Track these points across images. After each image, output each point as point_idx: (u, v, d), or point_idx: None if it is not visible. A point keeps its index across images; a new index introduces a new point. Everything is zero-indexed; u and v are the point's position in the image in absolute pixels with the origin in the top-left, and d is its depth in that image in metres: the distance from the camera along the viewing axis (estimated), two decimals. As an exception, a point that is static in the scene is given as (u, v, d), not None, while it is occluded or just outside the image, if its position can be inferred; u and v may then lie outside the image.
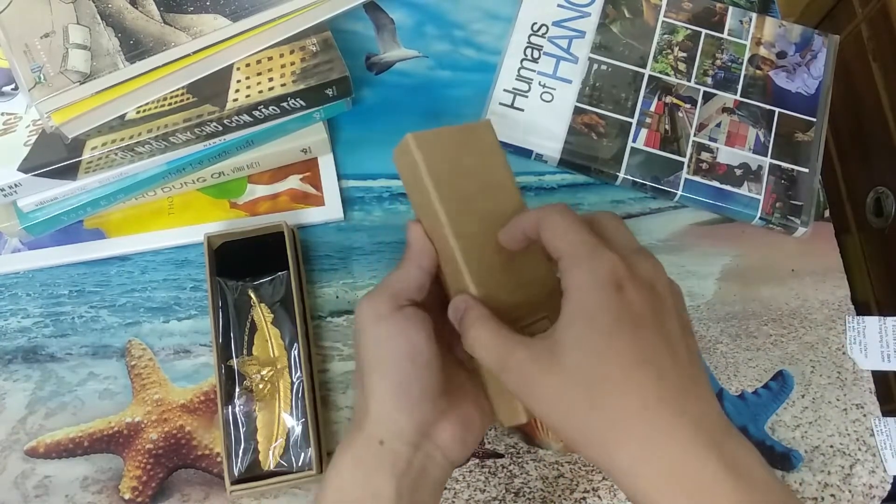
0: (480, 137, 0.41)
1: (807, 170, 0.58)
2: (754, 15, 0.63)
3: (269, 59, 0.51)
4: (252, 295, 0.50)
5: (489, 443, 0.51)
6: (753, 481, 0.28)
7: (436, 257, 0.39)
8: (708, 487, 0.28)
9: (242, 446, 0.47)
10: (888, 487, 0.51)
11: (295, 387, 0.48)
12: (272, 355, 0.49)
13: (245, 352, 0.49)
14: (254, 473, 0.47)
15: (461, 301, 0.36)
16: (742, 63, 0.61)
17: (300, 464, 0.47)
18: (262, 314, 0.50)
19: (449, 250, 0.37)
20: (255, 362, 0.49)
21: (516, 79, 0.59)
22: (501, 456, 0.50)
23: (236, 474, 0.46)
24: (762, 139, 0.58)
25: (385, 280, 0.39)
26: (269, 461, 0.47)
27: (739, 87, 0.60)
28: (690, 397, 0.30)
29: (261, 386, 0.48)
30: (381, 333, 0.36)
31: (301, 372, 0.48)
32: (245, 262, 0.51)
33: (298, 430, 0.47)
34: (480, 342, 0.34)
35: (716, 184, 0.57)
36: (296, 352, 0.49)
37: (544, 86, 0.59)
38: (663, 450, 0.29)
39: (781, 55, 0.61)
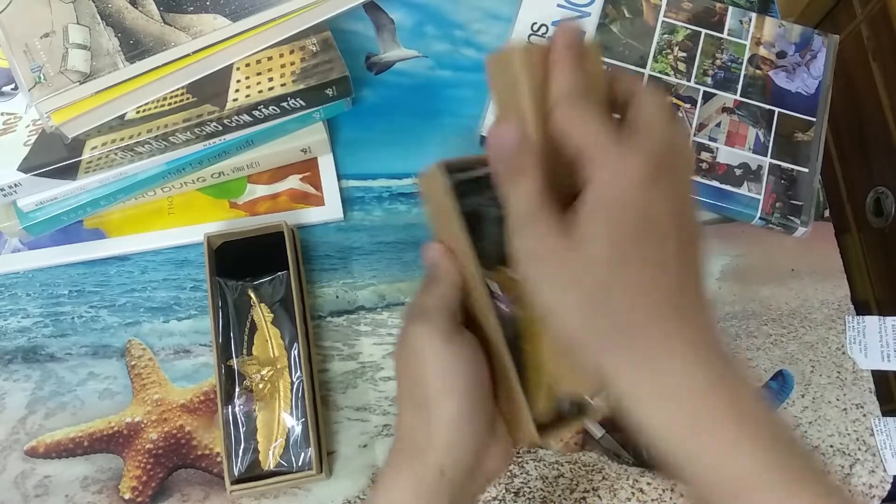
0: None
1: (807, 169, 0.57)
2: (754, 15, 0.63)
3: (269, 58, 0.51)
4: (252, 295, 0.50)
5: (489, 443, 0.51)
6: (753, 415, 0.28)
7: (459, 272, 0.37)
8: (704, 402, 0.27)
9: (242, 446, 0.47)
10: (888, 487, 0.51)
11: (295, 387, 0.48)
12: (272, 355, 0.49)
13: (245, 352, 0.49)
14: (254, 473, 0.47)
15: (519, 148, 0.30)
16: (742, 63, 0.61)
17: (300, 464, 0.47)
18: (262, 314, 0.50)
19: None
20: (255, 362, 0.49)
21: (516, 79, 0.59)
22: (501, 456, 0.50)
23: (236, 474, 0.46)
24: (762, 139, 0.58)
25: (430, 299, 0.36)
26: (269, 461, 0.47)
27: (739, 87, 0.60)
28: (699, 314, 0.29)
29: (261, 386, 0.48)
30: (450, 357, 0.34)
31: (301, 372, 0.48)
32: (245, 262, 0.51)
33: (298, 429, 0.47)
34: (525, 189, 0.30)
35: (716, 184, 0.57)
36: (296, 352, 0.49)
37: (544, 86, 0.59)
38: (667, 363, 0.28)
39: (781, 55, 0.61)
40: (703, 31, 0.62)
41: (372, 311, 0.54)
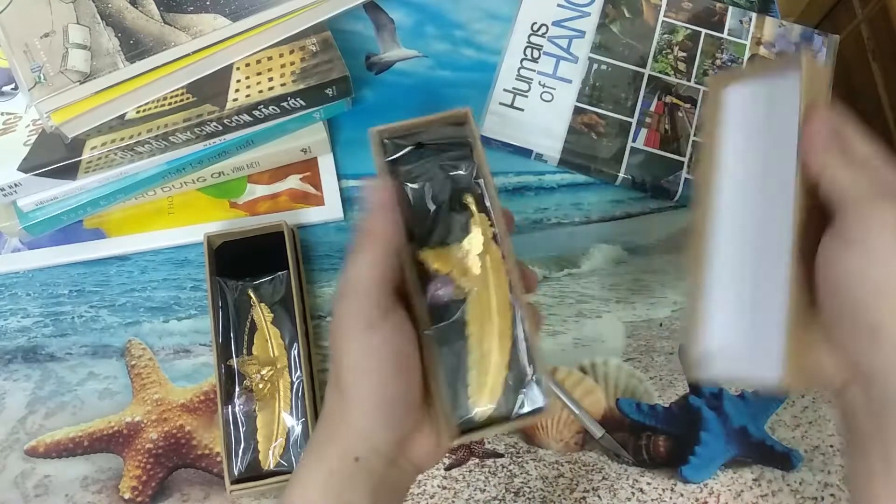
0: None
1: (807, 169, 0.57)
2: (754, 15, 0.63)
3: (269, 58, 0.51)
4: (252, 295, 0.50)
5: (489, 442, 0.51)
6: None
7: (401, 231, 0.35)
8: None
9: (242, 446, 0.47)
10: None
11: (295, 386, 0.48)
12: (272, 355, 0.49)
13: (245, 351, 0.49)
14: (254, 473, 0.47)
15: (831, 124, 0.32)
16: (742, 63, 0.61)
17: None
18: (261, 314, 0.50)
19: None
20: (255, 362, 0.49)
21: (516, 78, 0.59)
22: (501, 455, 0.50)
23: (236, 474, 0.46)
24: (762, 139, 0.58)
25: (360, 275, 0.33)
26: (269, 461, 0.47)
27: (739, 87, 0.60)
28: None
29: (260, 386, 0.48)
30: (370, 344, 0.32)
31: (301, 371, 0.48)
32: (245, 261, 0.51)
33: (298, 429, 0.47)
34: (847, 177, 0.31)
35: (716, 183, 0.57)
36: (296, 351, 0.49)
37: (544, 85, 0.59)
38: None
39: (781, 55, 0.61)
40: (704, 30, 0.62)
41: (372, 310, 0.54)
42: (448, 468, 0.50)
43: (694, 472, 0.51)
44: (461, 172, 0.37)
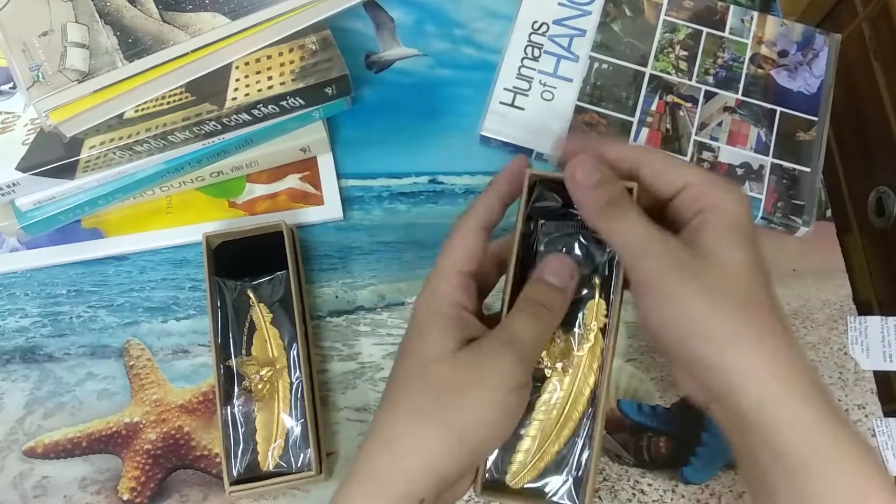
0: None
1: (808, 169, 0.57)
2: (756, 13, 0.62)
3: (268, 57, 0.50)
4: (251, 295, 0.50)
5: (489, 443, 0.50)
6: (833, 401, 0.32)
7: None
8: (806, 381, 0.32)
9: (241, 447, 0.47)
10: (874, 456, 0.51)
11: (294, 387, 0.48)
12: (271, 355, 0.49)
13: (244, 352, 0.49)
14: (253, 474, 0.46)
15: (613, 187, 0.33)
16: (743, 62, 0.60)
17: (299, 464, 0.47)
18: (260, 314, 0.50)
19: None
20: (254, 362, 0.49)
21: (517, 77, 0.59)
22: (501, 456, 0.50)
23: (235, 475, 0.46)
24: (763, 138, 0.58)
25: (524, 332, 0.33)
26: (269, 462, 0.47)
27: (741, 86, 0.60)
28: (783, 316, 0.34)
29: (260, 386, 0.48)
30: (509, 403, 0.32)
31: (300, 372, 0.48)
32: (244, 261, 0.51)
33: (297, 430, 0.47)
34: (634, 233, 0.33)
35: (717, 183, 0.56)
36: (295, 352, 0.49)
37: (545, 84, 0.59)
38: (790, 366, 0.32)
39: (783, 54, 0.61)
40: (705, 29, 0.61)
41: (371, 311, 0.53)
42: (448, 469, 0.49)
43: (695, 472, 0.50)
44: (598, 251, 0.36)
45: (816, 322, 0.56)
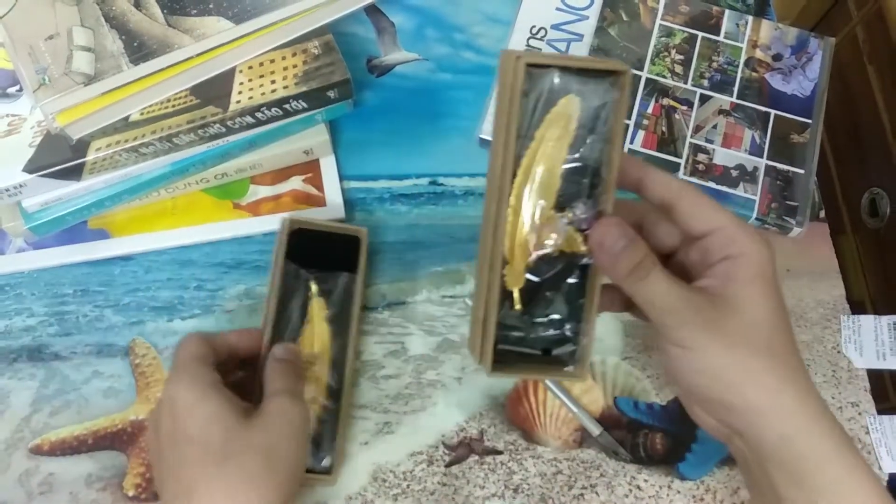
0: None
1: (802, 171, 0.58)
2: (750, 18, 0.63)
3: (272, 61, 0.51)
4: (313, 288, 0.50)
5: (489, 440, 0.51)
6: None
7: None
8: (822, 417, 0.35)
9: None
10: (883, 485, 0.52)
11: (328, 388, 0.48)
12: (314, 351, 0.49)
13: (292, 340, 0.48)
14: None
15: (639, 251, 0.34)
16: (738, 65, 0.61)
17: (319, 466, 0.47)
18: (318, 308, 0.49)
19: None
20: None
21: (515, 81, 0.60)
22: (500, 453, 0.51)
23: None
24: (758, 141, 0.59)
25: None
26: None
27: (735, 90, 0.60)
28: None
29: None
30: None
31: (338, 376, 0.48)
32: (312, 253, 0.50)
33: (323, 430, 0.47)
34: (659, 293, 0.34)
35: (712, 185, 0.57)
36: (338, 354, 0.49)
37: (543, 88, 0.60)
38: (809, 404, 0.35)
39: (777, 58, 0.62)
40: (700, 34, 0.62)
41: (373, 310, 0.54)
42: (448, 465, 0.50)
43: (691, 469, 0.51)
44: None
45: (810, 321, 0.57)
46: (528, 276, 0.35)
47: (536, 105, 0.34)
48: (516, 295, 0.35)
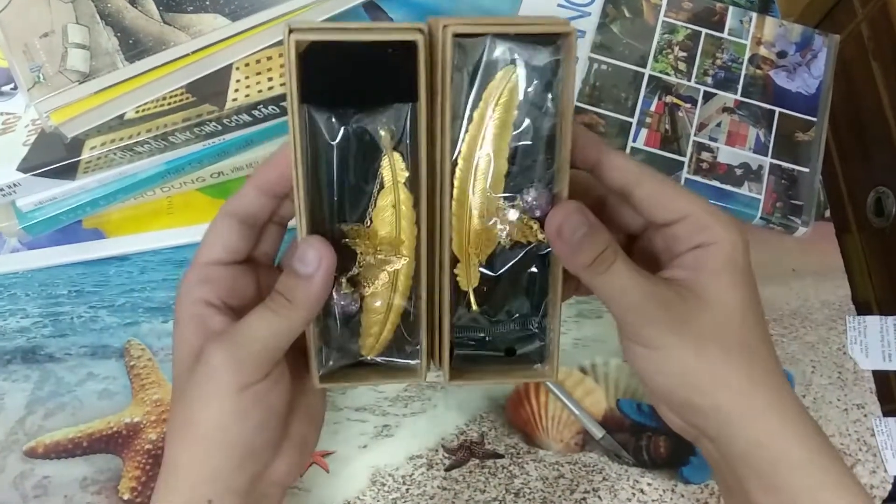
0: None
1: (807, 169, 0.57)
2: (754, 14, 0.62)
3: (269, 58, 0.51)
4: (383, 133, 0.31)
5: (489, 443, 0.50)
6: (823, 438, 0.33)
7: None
8: (797, 417, 0.33)
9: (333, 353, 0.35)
10: (889, 488, 0.51)
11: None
12: (398, 237, 0.32)
13: (357, 219, 0.32)
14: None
15: (600, 241, 0.31)
16: (742, 63, 0.61)
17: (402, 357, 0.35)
18: (394, 167, 0.31)
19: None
20: (373, 236, 0.33)
21: (516, 78, 0.59)
22: (501, 456, 0.50)
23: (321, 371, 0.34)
24: (762, 139, 0.58)
25: (256, 329, 0.31)
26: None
27: (740, 87, 0.60)
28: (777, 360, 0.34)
29: (373, 280, 0.33)
30: (240, 406, 0.30)
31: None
32: (340, 83, 0.31)
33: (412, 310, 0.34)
34: (622, 288, 0.31)
35: (716, 183, 0.57)
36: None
37: (544, 85, 0.59)
38: (782, 404, 0.32)
39: (782, 55, 0.61)
40: (704, 30, 0.62)
41: (372, 311, 0.54)
42: (448, 469, 0.50)
43: (695, 472, 0.50)
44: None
45: (815, 322, 0.56)
46: (483, 271, 0.32)
47: (472, 81, 0.29)
48: (471, 294, 0.32)
